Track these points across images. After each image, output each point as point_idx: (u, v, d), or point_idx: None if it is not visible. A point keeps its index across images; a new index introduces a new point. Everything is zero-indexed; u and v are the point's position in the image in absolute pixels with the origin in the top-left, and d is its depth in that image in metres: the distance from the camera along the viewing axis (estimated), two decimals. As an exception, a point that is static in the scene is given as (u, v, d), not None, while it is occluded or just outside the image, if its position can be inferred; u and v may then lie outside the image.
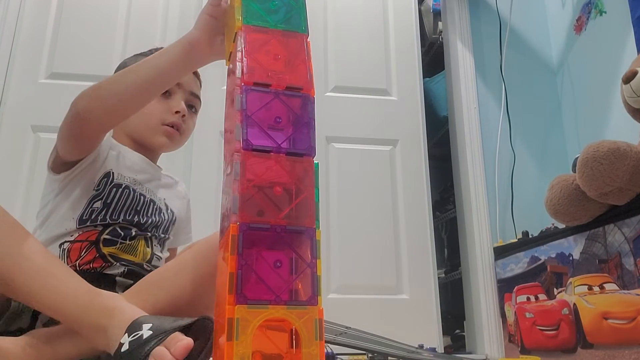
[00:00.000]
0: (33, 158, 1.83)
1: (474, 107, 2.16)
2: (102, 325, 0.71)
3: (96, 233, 0.97)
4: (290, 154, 0.57)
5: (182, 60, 0.88)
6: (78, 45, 1.99)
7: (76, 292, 0.74)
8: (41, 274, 0.74)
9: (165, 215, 1.08)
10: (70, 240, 0.96)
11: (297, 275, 0.54)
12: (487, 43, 2.24)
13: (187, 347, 0.62)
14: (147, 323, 0.68)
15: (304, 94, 0.59)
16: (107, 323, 0.71)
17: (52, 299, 0.73)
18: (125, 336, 0.67)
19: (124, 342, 0.66)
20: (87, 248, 0.95)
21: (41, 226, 0.99)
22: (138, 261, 0.99)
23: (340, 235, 1.93)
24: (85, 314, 0.73)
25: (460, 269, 2.11)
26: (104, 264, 0.95)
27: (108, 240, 0.96)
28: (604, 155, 1.24)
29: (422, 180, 2.07)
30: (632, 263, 1.25)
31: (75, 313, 0.73)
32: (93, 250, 0.95)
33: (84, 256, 0.95)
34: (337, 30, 2.19)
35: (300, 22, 0.62)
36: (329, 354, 1.29)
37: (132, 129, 1.08)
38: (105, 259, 0.96)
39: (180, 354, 0.62)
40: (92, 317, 0.72)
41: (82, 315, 0.73)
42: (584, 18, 2.05)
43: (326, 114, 2.03)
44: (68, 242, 0.96)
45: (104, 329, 0.71)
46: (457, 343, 2.20)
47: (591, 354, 1.35)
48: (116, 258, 0.97)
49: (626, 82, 1.39)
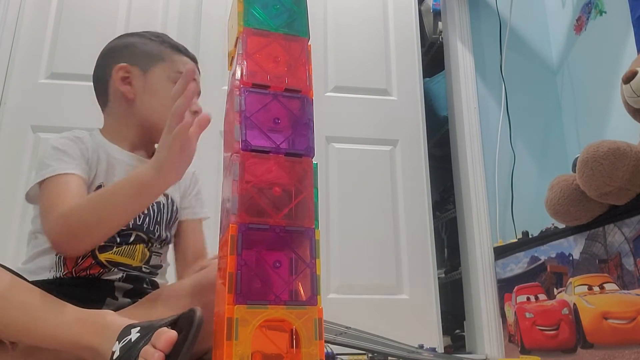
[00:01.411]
0: (33, 158, 1.83)
1: (474, 107, 2.16)
2: (95, 345, 0.72)
3: None
4: (289, 154, 0.57)
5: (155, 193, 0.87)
6: (78, 45, 1.99)
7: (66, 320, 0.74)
8: (27, 309, 0.73)
9: (166, 207, 1.05)
10: None
11: (297, 276, 0.55)
12: (487, 43, 2.24)
13: (170, 339, 0.63)
14: (136, 327, 0.68)
15: (302, 95, 0.59)
16: (100, 341, 0.71)
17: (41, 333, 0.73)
18: (117, 344, 0.68)
19: (115, 350, 0.67)
20: (83, 256, 0.93)
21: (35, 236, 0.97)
22: (136, 264, 0.98)
23: (340, 235, 1.93)
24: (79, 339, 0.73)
25: (460, 269, 2.11)
26: (102, 270, 0.94)
27: (104, 247, 0.94)
28: (604, 155, 1.24)
29: (422, 180, 2.07)
30: (632, 263, 1.25)
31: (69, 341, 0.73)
32: (89, 257, 0.93)
33: (81, 263, 0.93)
34: (337, 30, 2.19)
35: (302, 27, 0.62)
36: (329, 354, 1.29)
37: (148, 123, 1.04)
38: (103, 265, 0.94)
39: (165, 347, 0.62)
40: (85, 340, 0.73)
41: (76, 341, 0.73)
42: (584, 18, 2.05)
43: (326, 114, 2.03)
44: None
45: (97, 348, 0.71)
46: (457, 343, 2.20)
47: (591, 354, 1.35)
48: (114, 263, 0.95)
49: (626, 82, 1.39)
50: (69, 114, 1.89)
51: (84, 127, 1.99)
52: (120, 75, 1.04)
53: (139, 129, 1.05)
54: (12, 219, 1.73)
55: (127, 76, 1.04)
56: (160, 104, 1.02)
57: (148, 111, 1.03)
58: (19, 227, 1.72)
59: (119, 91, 1.04)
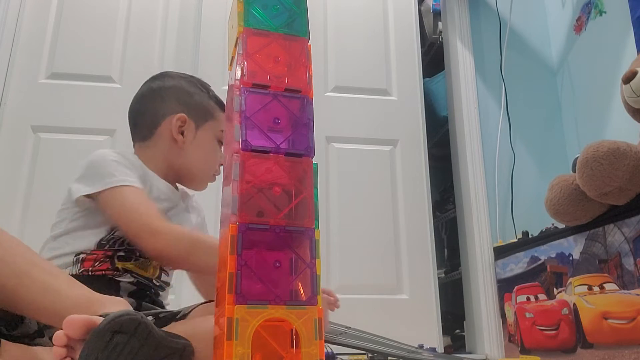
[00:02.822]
0: (33, 158, 1.83)
1: (474, 107, 2.16)
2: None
3: (112, 250, 1.00)
4: (289, 154, 0.57)
5: None
6: (78, 45, 1.99)
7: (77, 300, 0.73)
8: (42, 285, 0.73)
9: None
10: (87, 253, 0.99)
11: (297, 275, 0.55)
12: (487, 43, 2.24)
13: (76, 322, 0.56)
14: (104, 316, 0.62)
15: (302, 95, 0.59)
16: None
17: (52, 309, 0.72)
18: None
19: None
20: (102, 261, 0.98)
21: (56, 238, 1.01)
22: (148, 276, 1.02)
23: (340, 235, 1.94)
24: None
25: (460, 269, 2.11)
26: (115, 272, 0.98)
27: (123, 257, 0.99)
28: (604, 155, 1.24)
29: (422, 180, 2.07)
30: (632, 263, 1.25)
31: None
32: (107, 263, 0.98)
33: (98, 266, 0.98)
34: (337, 30, 2.19)
35: (302, 27, 0.62)
36: (329, 354, 1.29)
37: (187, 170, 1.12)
38: (118, 271, 0.99)
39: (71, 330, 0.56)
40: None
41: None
42: (584, 18, 2.05)
43: (326, 114, 2.03)
44: (84, 254, 0.98)
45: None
46: (457, 343, 2.20)
47: (591, 353, 1.35)
48: (128, 270, 1.00)
49: (626, 82, 1.39)
50: (69, 114, 1.90)
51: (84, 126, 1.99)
52: (177, 125, 1.09)
53: (174, 169, 1.12)
54: (12, 219, 1.73)
55: (182, 127, 1.10)
56: (203, 159, 1.12)
57: (191, 162, 1.11)
58: (19, 227, 1.72)
59: (170, 137, 1.10)
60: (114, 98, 1.92)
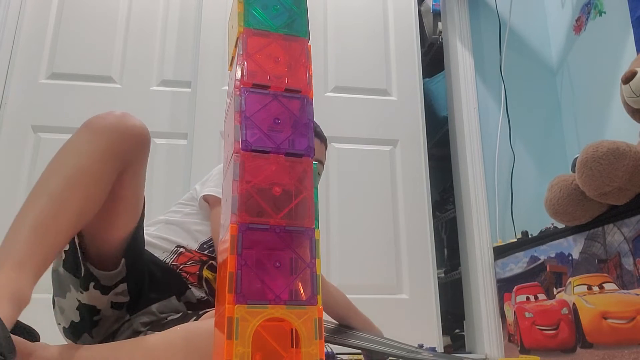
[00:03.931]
0: (33, 158, 1.84)
1: (473, 107, 2.16)
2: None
3: (209, 257, 1.03)
4: (289, 154, 0.57)
5: None
6: (78, 45, 1.99)
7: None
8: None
9: None
10: (186, 249, 1.02)
11: (297, 275, 0.55)
12: (487, 43, 2.25)
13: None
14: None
15: (302, 95, 0.59)
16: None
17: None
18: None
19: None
20: (194, 263, 1.01)
21: (168, 224, 1.05)
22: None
23: (340, 235, 1.94)
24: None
25: (460, 268, 2.12)
26: (195, 282, 1.01)
27: (213, 266, 1.02)
28: (604, 155, 1.24)
29: (422, 180, 2.07)
30: (631, 263, 1.25)
31: None
32: (197, 267, 1.01)
33: (188, 266, 1.01)
34: (337, 30, 2.19)
35: (302, 27, 0.62)
36: (329, 354, 1.29)
37: None
38: (199, 281, 1.01)
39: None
40: None
41: None
42: (584, 18, 2.05)
43: (326, 114, 2.03)
44: (184, 249, 1.02)
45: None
46: (456, 343, 2.20)
47: (591, 353, 1.35)
48: (207, 283, 1.02)
49: (625, 82, 1.39)
50: (69, 114, 1.90)
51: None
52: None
53: None
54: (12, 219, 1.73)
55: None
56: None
57: None
58: (19, 227, 1.72)
59: None
60: (114, 98, 1.92)
